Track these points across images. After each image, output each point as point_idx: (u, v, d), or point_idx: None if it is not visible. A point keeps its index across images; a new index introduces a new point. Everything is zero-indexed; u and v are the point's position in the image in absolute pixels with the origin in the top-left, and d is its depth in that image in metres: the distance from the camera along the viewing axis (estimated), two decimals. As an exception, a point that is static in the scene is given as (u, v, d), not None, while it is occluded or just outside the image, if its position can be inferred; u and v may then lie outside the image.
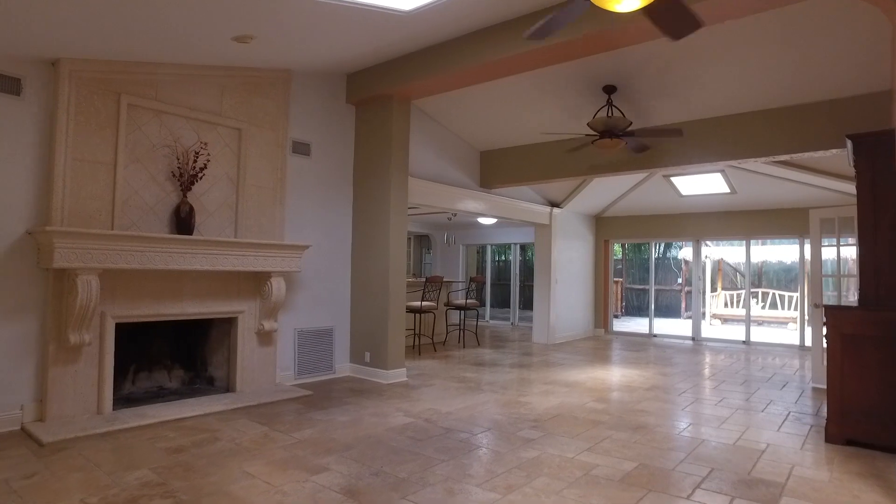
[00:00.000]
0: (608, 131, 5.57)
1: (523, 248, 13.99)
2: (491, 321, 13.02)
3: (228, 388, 5.25)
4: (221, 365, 5.35)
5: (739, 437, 4.07)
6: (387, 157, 6.02)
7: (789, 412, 4.87)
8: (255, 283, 5.33)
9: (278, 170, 5.59)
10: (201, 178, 4.86)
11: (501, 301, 14.82)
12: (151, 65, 4.58)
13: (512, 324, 12.60)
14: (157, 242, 4.34)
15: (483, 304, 13.17)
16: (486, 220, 10.92)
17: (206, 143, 4.91)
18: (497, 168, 7.98)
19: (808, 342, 8.93)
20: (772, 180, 7.96)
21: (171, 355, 5.35)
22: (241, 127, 5.28)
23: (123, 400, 4.66)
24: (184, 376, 5.33)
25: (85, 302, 3.95)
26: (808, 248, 9.11)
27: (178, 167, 4.74)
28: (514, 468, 3.37)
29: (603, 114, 5.70)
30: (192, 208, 4.77)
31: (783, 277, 15.13)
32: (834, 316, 3.86)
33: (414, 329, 8.26)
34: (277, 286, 5.26)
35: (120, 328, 4.54)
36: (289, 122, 5.72)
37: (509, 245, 13.50)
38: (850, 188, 7.25)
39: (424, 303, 7.93)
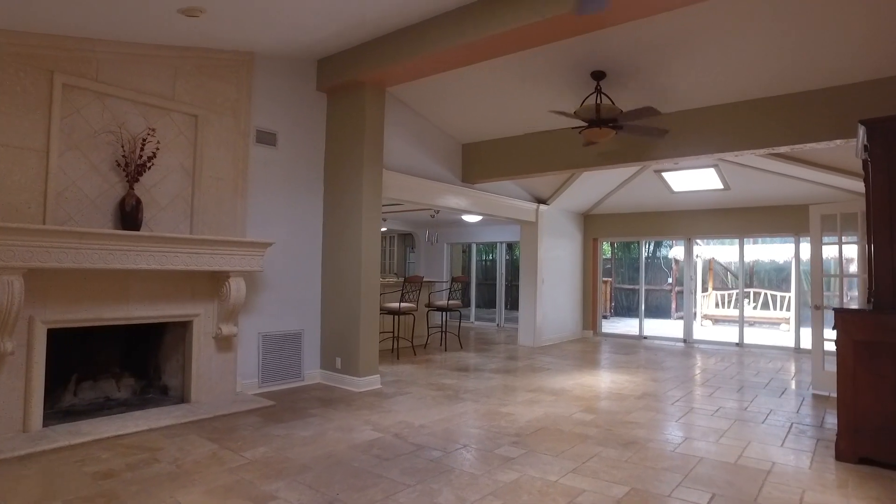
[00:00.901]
0: (596, 120, 5.18)
1: (510, 246, 13.60)
2: (476, 322, 12.62)
3: (183, 398, 4.79)
4: (176, 373, 4.90)
5: (741, 455, 3.68)
6: (359, 149, 5.59)
7: (792, 423, 4.50)
8: (213, 283, 4.88)
9: (240, 160, 5.15)
10: (150, 167, 4.40)
11: (488, 301, 14.41)
12: (90, 41, 4.12)
13: (498, 325, 12.20)
14: (95, 238, 3.88)
15: (466, 305, 12.77)
16: (471, 218, 10.51)
17: (153, 130, 4.45)
18: (480, 162, 7.57)
19: (804, 344, 8.61)
20: (767, 176, 7.62)
21: (120, 363, 4.89)
22: (197, 113, 4.83)
23: (62, 414, 4.19)
24: (135, 385, 4.86)
25: (6, 305, 3.48)
26: (804, 246, 8.80)
27: (124, 156, 4.28)
28: (489, 495, 2.96)
29: (591, 101, 5.30)
30: (139, 201, 4.31)
31: (774, 277, 14.85)
32: (845, 320, 3.48)
33: (393, 332, 7.84)
34: (236, 287, 4.81)
35: (57, 334, 4.08)
36: (252, 110, 5.28)
37: (495, 244, 13.09)
38: (850, 184, 6.92)
39: (403, 304, 7.51)
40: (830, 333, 5.83)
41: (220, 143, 5.00)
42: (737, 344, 9.28)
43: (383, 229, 13.21)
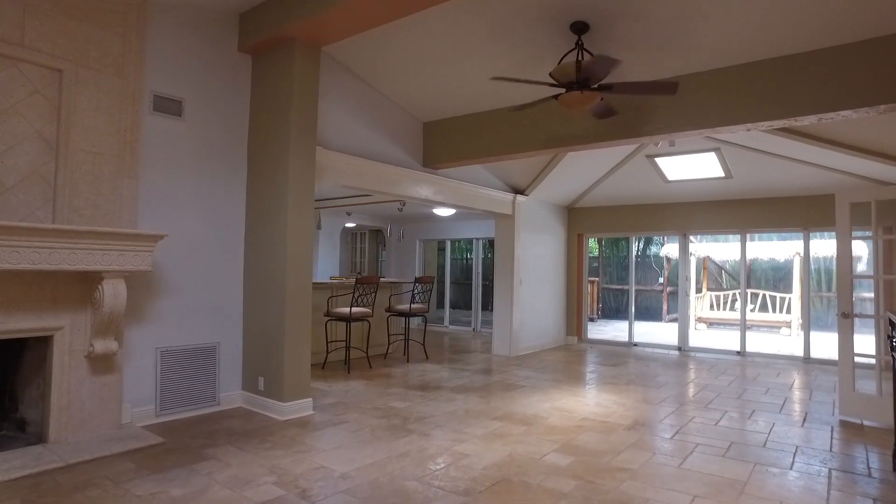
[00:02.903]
0: (577, 82, 4.13)
1: (491, 243, 12.51)
2: (451, 326, 11.53)
3: (42, 436, 3.69)
4: (36, 403, 3.79)
5: (773, 528, 2.65)
6: (286, 121, 4.51)
7: (829, 469, 3.47)
8: (86, 287, 3.79)
9: (128, 131, 4.04)
10: (-19, 133, 3.30)
11: (465, 303, 13.34)
12: None
13: (473, 329, 11.12)
14: None
15: (440, 307, 11.71)
16: (443, 212, 9.46)
17: (-21, 80, 3.34)
18: (443, 143, 6.48)
19: (815, 353, 7.64)
20: (775, 161, 6.61)
21: (-41, 390, 3.78)
22: (62, 67, 3.72)
23: None
24: (-21, 420, 3.76)
25: None
26: (814, 242, 7.83)
27: (-62, 115, 3.17)
28: None
29: (571, 59, 4.26)
30: (-36, 178, 3.21)
31: (772, 277, 13.90)
32: (924, 342, 2.45)
33: (345, 341, 6.75)
34: (113, 291, 3.71)
35: None
36: (146, 69, 4.18)
37: (472, 240, 12.01)
38: (878, 170, 5.95)
39: (355, 309, 6.43)
40: (863, 346, 4.86)
41: (98, 108, 3.89)
42: (738, 352, 8.28)
43: (350, 224, 12.13)
